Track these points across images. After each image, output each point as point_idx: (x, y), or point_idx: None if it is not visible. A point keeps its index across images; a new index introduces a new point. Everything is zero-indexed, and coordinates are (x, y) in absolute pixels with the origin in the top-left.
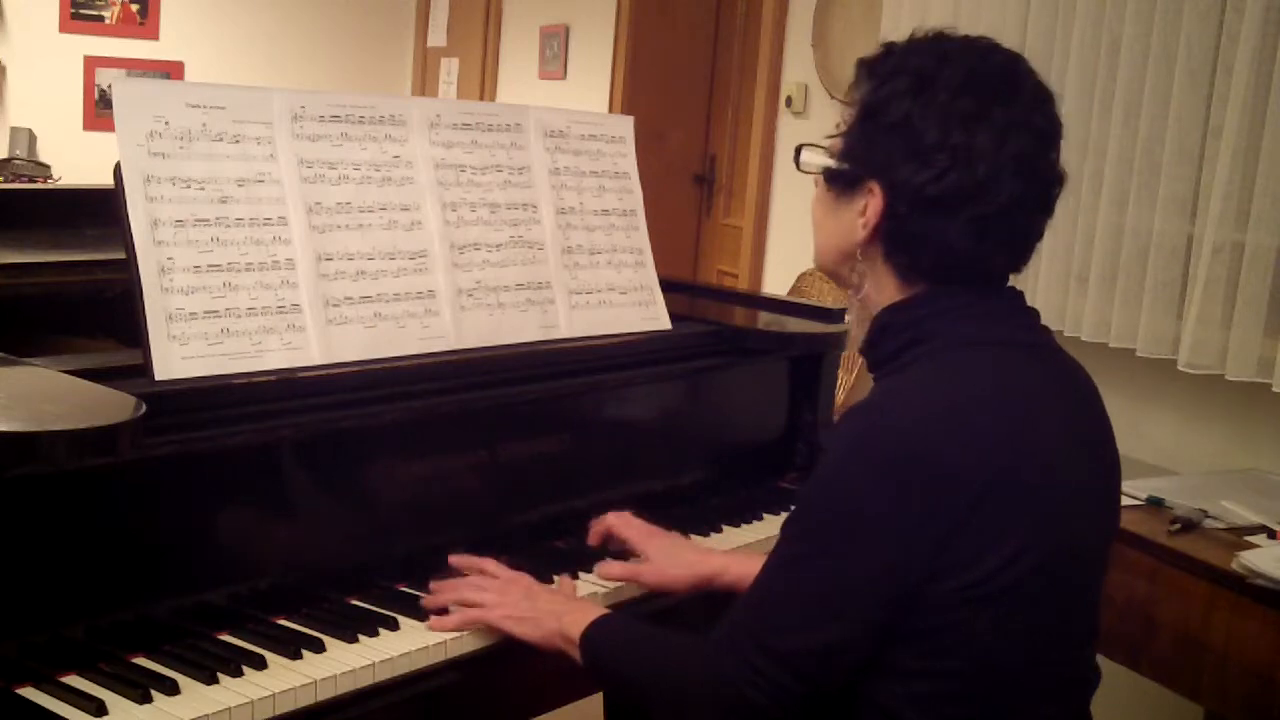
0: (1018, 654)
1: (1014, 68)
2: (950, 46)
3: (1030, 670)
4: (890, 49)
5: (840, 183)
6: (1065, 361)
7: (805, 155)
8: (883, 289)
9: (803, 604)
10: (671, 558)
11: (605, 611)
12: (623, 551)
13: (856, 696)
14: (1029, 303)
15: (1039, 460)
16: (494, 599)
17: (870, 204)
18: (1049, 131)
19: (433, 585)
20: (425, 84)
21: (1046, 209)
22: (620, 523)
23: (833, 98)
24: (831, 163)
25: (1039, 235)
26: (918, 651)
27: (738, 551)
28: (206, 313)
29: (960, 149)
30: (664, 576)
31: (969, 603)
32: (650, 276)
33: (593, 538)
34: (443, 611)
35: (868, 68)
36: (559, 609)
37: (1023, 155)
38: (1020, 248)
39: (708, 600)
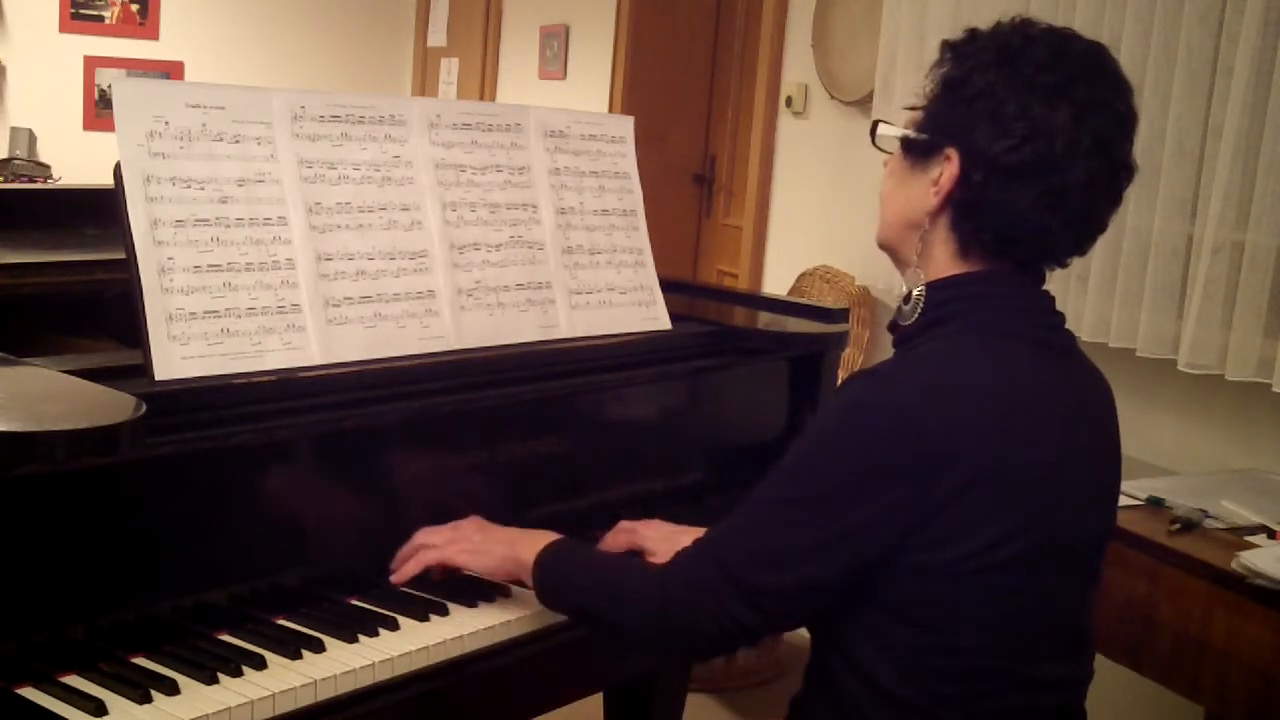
0: (992, 637)
1: (1098, 52)
2: (1035, 30)
3: (1007, 654)
4: (974, 32)
5: (917, 151)
6: (1083, 366)
7: (882, 129)
8: (936, 261)
9: (778, 544)
10: (670, 542)
11: (561, 536)
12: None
13: (848, 667)
14: None
15: (1036, 453)
16: (446, 535)
17: (945, 170)
18: (1128, 119)
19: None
20: (425, 84)
21: (1115, 199)
22: (614, 537)
23: (833, 97)
24: (909, 132)
25: (1104, 226)
26: (905, 620)
27: None
28: (206, 313)
29: (1039, 120)
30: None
31: (949, 578)
32: (650, 276)
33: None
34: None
35: (952, 48)
36: (513, 537)
37: (1101, 135)
38: (1086, 232)
39: None
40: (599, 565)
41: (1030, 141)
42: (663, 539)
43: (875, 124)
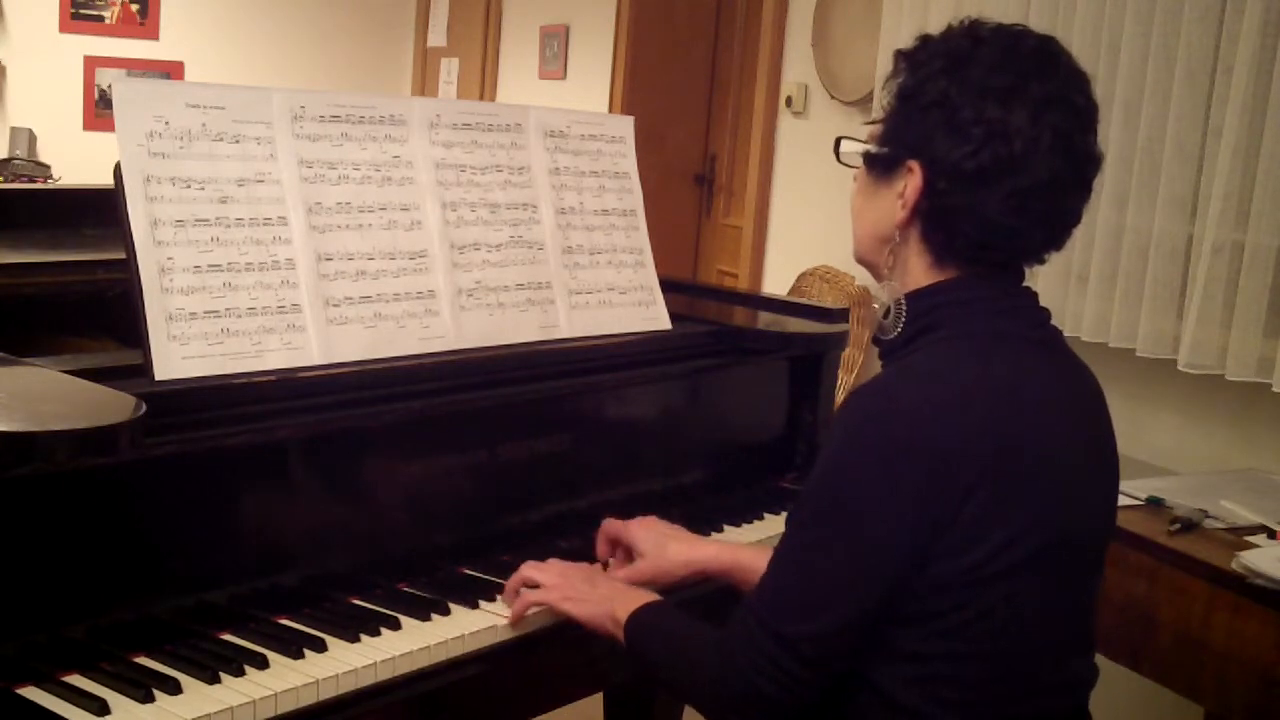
0: (1011, 641)
1: (1049, 48)
2: (984, 31)
3: (1024, 658)
4: (926, 38)
5: (879, 166)
6: (1073, 362)
7: (845, 146)
8: (912, 273)
9: (809, 590)
10: (660, 548)
11: (654, 599)
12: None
13: (856, 679)
14: None
15: (1036, 451)
16: (555, 580)
17: (909, 183)
18: (1087, 110)
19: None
20: (425, 84)
21: (1085, 188)
22: (606, 529)
23: (833, 97)
24: (870, 147)
25: (1077, 218)
26: (916, 635)
27: (726, 542)
28: (206, 313)
29: (996, 123)
30: (658, 569)
31: (964, 587)
32: (650, 276)
33: (601, 552)
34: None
35: (905, 57)
36: (613, 593)
37: (1059, 131)
38: (1058, 227)
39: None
40: (674, 632)
41: (989, 145)
42: (653, 542)
43: (838, 140)
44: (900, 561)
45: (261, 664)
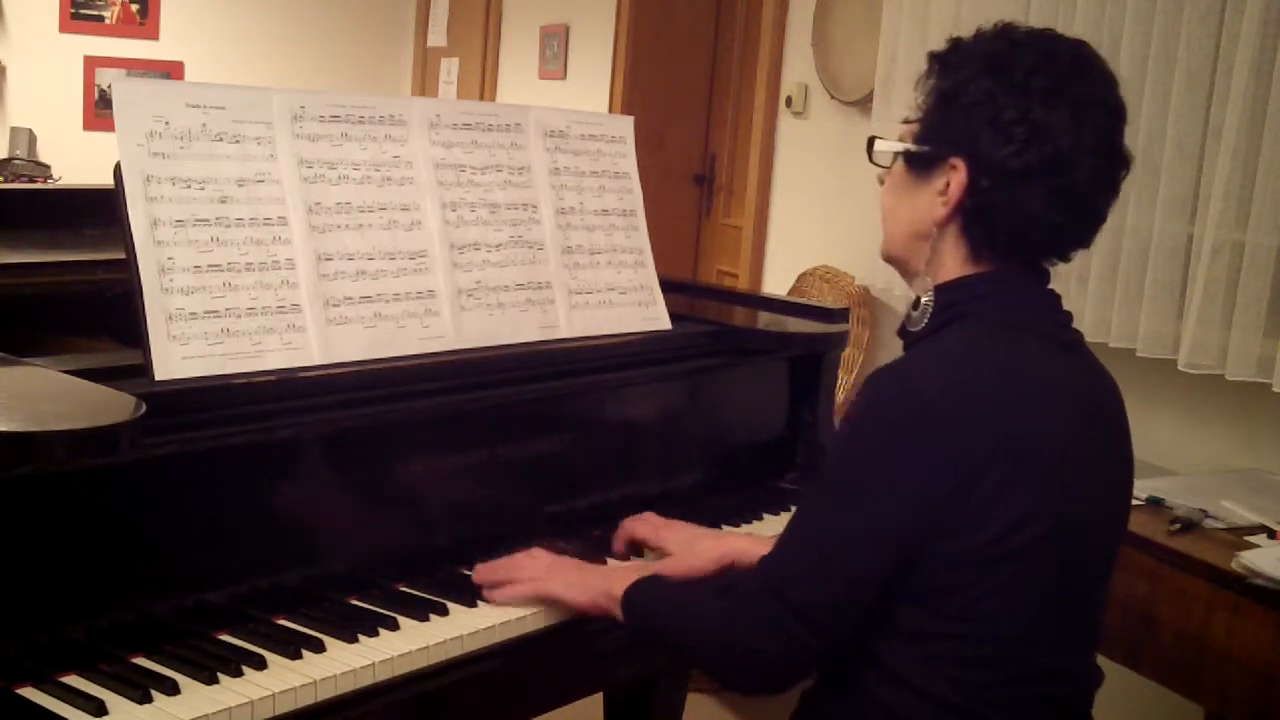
0: (1009, 625)
1: (1082, 50)
2: (1018, 35)
3: (1023, 644)
4: (958, 42)
5: (920, 164)
6: (1094, 364)
7: (880, 145)
8: (945, 267)
9: (818, 556)
10: (689, 547)
11: (649, 573)
12: (642, 549)
13: (859, 652)
14: None
15: (1050, 438)
16: (545, 569)
17: (953, 179)
18: (1119, 111)
19: (479, 567)
20: (425, 84)
21: (1115, 190)
22: (634, 524)
23: (833, 97)
24: (910, 147)
25: (1105, 217)
26: (920, 613)
27: (756, 536)
28: (206, 313)
29: (1040, 123)
30: (685, 567)
31: (968, 567)
32: (650, 276)
33: (618, 545)
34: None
35: (939, 60)
36: (606, 572)
37: (1100, 130)
38: (1091, 224)
39: None
40: (677, 598)
41: (1034, 144)
42: (682, 541)
43: (871, 140)
44: (907, 536)
45: (259, 664)
